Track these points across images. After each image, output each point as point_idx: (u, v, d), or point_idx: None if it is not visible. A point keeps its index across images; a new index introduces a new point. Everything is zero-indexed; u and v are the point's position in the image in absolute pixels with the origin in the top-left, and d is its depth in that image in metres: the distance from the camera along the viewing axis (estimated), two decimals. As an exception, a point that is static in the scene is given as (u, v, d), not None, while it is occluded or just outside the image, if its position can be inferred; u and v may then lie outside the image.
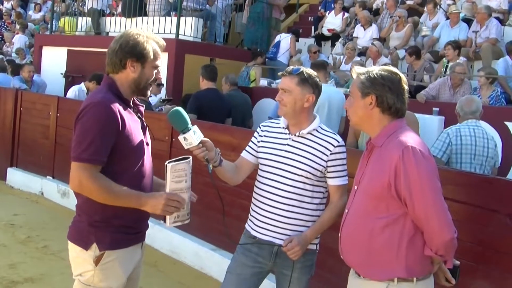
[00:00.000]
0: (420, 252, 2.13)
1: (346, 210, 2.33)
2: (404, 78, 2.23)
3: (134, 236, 2.39)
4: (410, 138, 2.12)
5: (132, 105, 2.41)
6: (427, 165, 2.07)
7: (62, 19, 10.67)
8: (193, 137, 2.39)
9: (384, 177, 2.10)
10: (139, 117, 2.42)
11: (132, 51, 2.31)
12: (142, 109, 2.48)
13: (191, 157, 2.34)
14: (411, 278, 2.13)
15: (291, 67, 2.69)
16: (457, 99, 6.45)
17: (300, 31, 10.36)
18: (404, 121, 2.25)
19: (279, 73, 2.71)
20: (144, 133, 2.43)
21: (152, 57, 2.35)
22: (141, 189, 2.31)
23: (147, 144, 2.44)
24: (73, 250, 2.34)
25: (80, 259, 2.32)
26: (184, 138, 2.38)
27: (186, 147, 2.41)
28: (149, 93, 2.45)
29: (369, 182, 2.20)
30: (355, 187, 2.30)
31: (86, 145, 2.17)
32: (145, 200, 2.24)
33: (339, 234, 2.32)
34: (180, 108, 2.41)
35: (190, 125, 2.39)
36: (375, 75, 2.19)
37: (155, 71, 2.40)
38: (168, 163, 2.26)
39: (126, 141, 2.28)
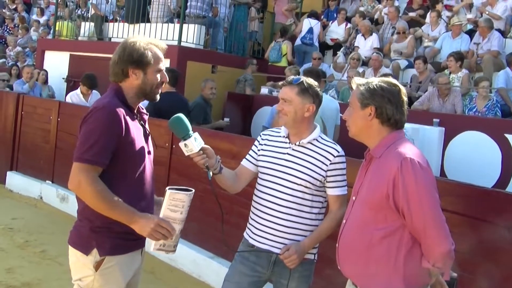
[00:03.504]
0: (418, 264, 2.13)
1: (344, 221, 2.33)
2: (403, 89, 2.24)
3: (134, 242, 2.39)
4: (408, 150, 2.13)
5: (136, 112, 2.42)
6: (425, 176, 2.08)
7: (58, 23, 10.68)
8: (193, 143, 2.39)
9: (382, 188, 2.11)
10: (141, 125, 2.43)
11: (130, 59, 2.32)
12: (146, 117, 2.50)
13: (193, 190, 2.28)
14: (408, 290, 2.13)
15: (292, 76, 2.69)
16: (446, 108, 6.64)
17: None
18: (403, 132, 2.26)
19: (280, 83, 2.71)
20: (146, 140, 2.43)
21: (152, 62, 2.36)
22: (141, 197, 2.31)
23: (149, 152, 2.44)
24: (73, 254, 2.35)
25: (80, 263, 2.32)
26: (185, 145, 2.39)
27: (186, 154, 2.42)
28: (158, 97, 2.46)
29: (367, 193, 2.20)
30: (353, 198, 2.30)
31: (88, 146, 2.20)
32: (136, 218, 2.21)
33: (337, 245, 2.32)
34: (181, 115, 2.41)
35: (191, 132, 2.40)
36: (375, 87, 2.20)
37: (159, 74, 2.40)
38: (169, 189, 2.23)
39: (128, 147, 2.29)
